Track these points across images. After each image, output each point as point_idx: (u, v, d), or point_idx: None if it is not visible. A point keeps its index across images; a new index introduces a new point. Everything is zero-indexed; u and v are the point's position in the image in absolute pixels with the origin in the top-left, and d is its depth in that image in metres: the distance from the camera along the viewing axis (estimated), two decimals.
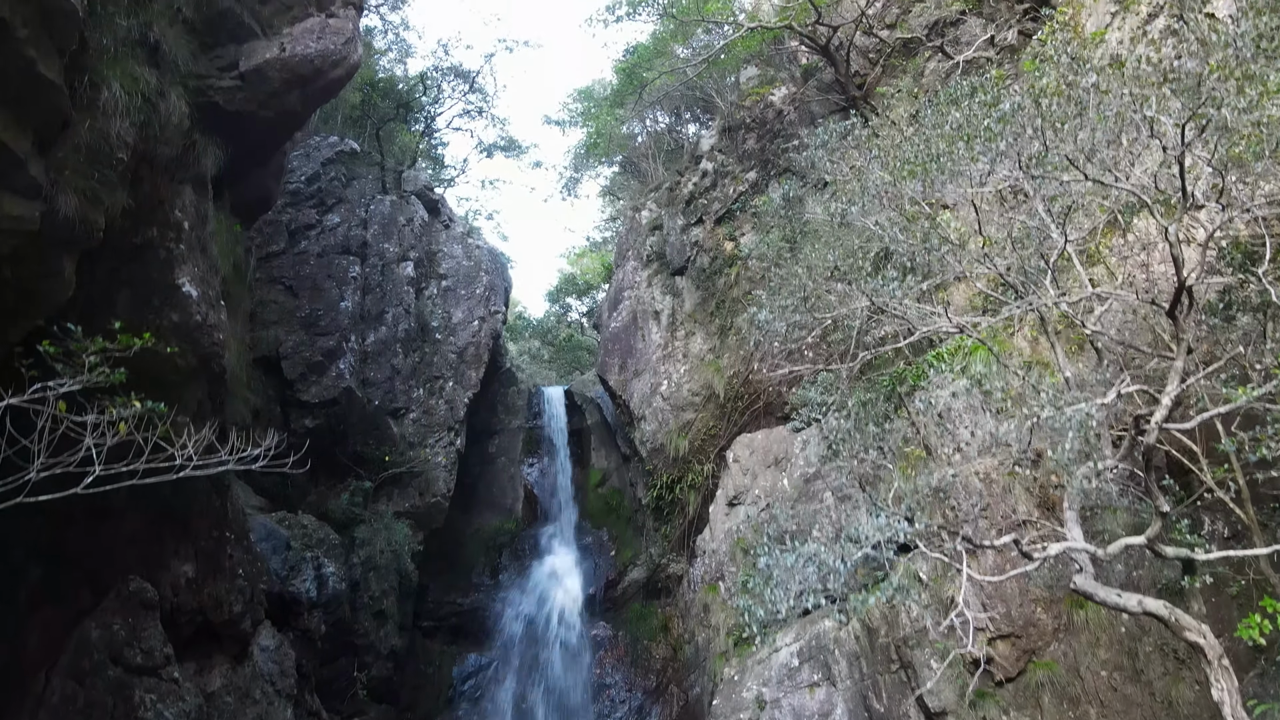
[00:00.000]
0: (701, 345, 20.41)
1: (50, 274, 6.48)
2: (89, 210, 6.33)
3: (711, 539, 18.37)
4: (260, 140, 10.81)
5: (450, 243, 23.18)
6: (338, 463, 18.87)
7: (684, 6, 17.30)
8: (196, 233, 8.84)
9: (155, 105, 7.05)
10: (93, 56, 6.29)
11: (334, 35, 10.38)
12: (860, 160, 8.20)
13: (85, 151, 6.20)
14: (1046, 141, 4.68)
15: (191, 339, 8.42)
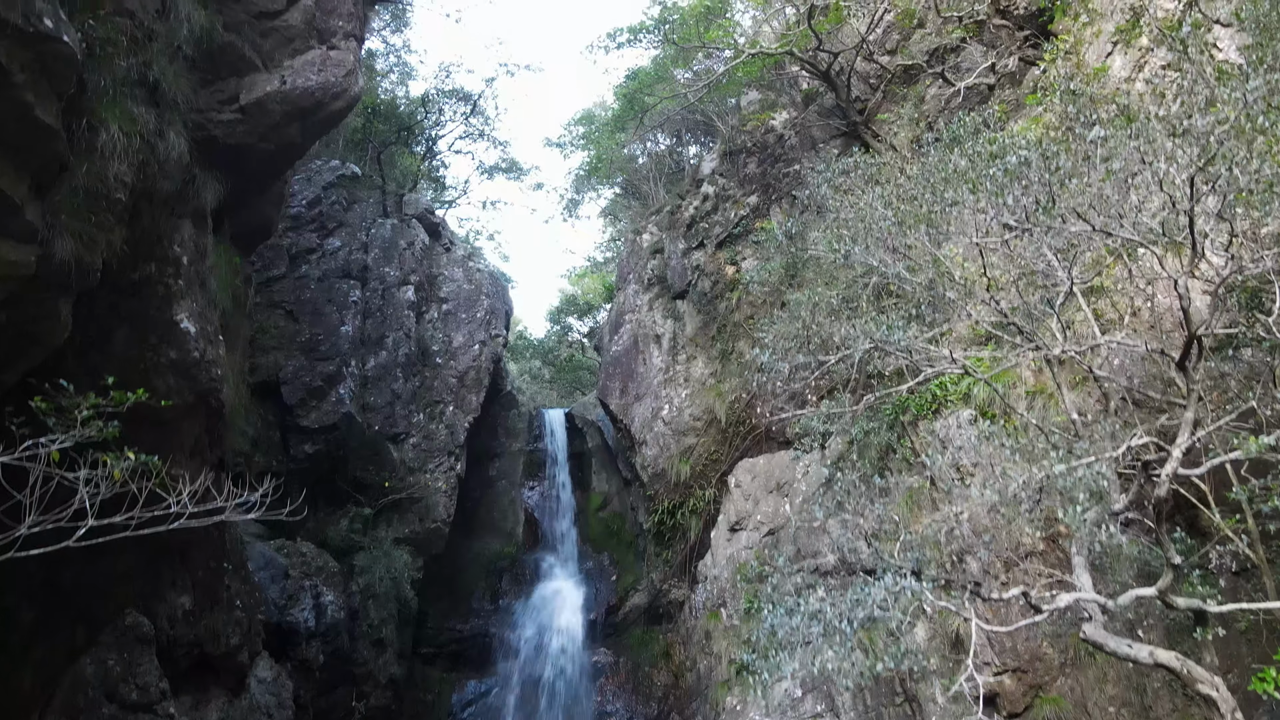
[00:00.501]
0: (703, 369, 20.36)
1: (46, 316, 6.42)
2: (86, 252, 6.28)
3: (713, 565, 18.25)
4: (260, 170, 10.79)
5: (451, 266, 23.17)
6: (337, 489, 18.76)
7: (684, 33, 17.34)
8: (195, 267, 8.79)
9: (154, 145, 7.01)
10: (91, 98, 6.25)
11: (335, 68, 10.37)
12: (864, 198, 8.15)
13: (83, 194, 6.15)
14: (1054, 195, 4.62)
15: (189, 376, 8.35)
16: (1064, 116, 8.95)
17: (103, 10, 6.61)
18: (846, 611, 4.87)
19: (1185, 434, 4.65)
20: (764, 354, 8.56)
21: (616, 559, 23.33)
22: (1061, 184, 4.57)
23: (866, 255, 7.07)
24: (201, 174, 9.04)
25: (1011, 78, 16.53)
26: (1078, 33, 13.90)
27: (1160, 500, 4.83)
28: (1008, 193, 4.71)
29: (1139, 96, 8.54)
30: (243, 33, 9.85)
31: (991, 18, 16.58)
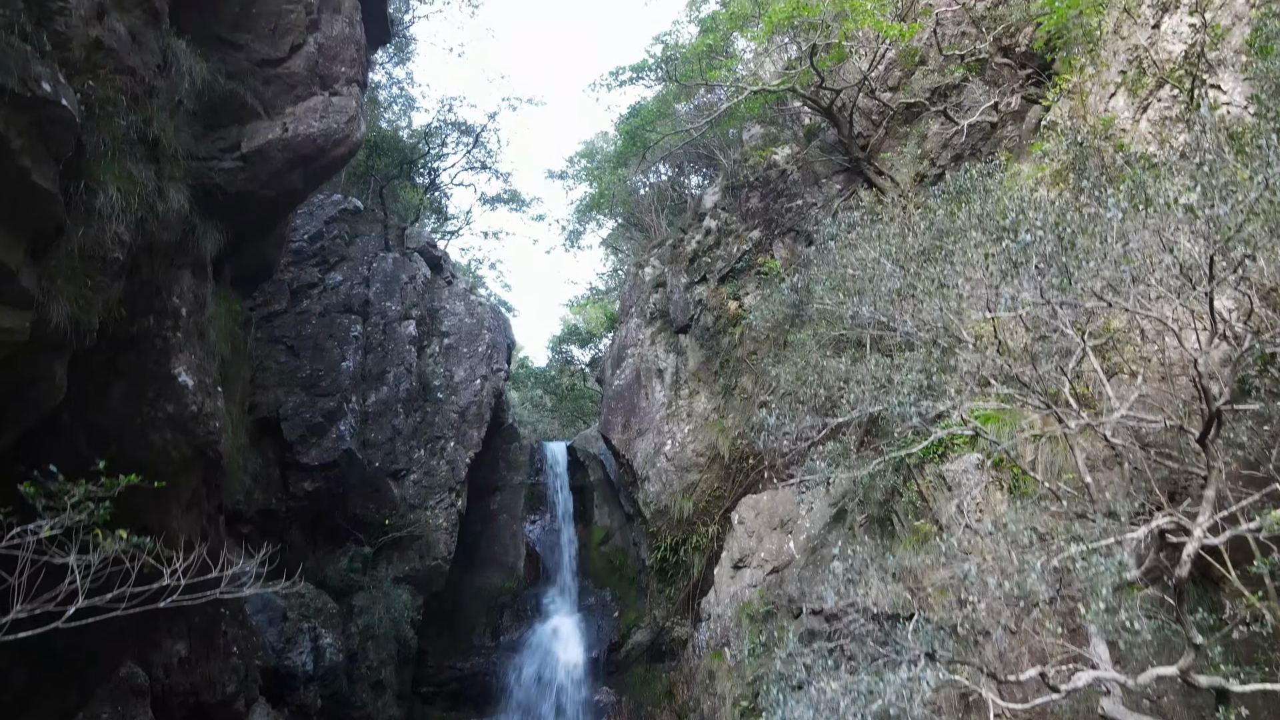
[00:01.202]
0: (706, 405, 20.22)
1: (41, 379, 6.32)
2: (83, 314, 6.19)
3: (717, 603, 18.03)
4: (262, 216, 10.74)
5: (453, 300, 23.10)
6: (337, 526, 18.60)
7: (686, 70, 17.37)
8: (194, 318, 8.70)
9: (153, 203, 6.94)
10: (90, 160, 6.18)
11: (337, 114, 10.34)
12: (870, 254, 8.07)
13: (80, 256, 6.07)
14: (1070, 274, 4.53)
15: (186, 430, 8.23)
16: (1071, 166, 8.90)
17: (103, 70, 6.56)
18: (861, 708, 4.72)
19: (1206, 513, 4.52)
20: (769, 416, 8.43)
21: (619, 595, 23.09)
22: (1079, 264, 4.48)
23: (875, 312, 6.97)
24: (202, 224, 8.97)
25: (1015, 115, 16.52)
26: (1081, 74, 13.88)
27: (1181, 580, 4.69)
28: (1023, 272, 4.61)
29: (1147, 153, 8.47)
30: (245, 81, 9.82)
31: (993, 56, 16.61)
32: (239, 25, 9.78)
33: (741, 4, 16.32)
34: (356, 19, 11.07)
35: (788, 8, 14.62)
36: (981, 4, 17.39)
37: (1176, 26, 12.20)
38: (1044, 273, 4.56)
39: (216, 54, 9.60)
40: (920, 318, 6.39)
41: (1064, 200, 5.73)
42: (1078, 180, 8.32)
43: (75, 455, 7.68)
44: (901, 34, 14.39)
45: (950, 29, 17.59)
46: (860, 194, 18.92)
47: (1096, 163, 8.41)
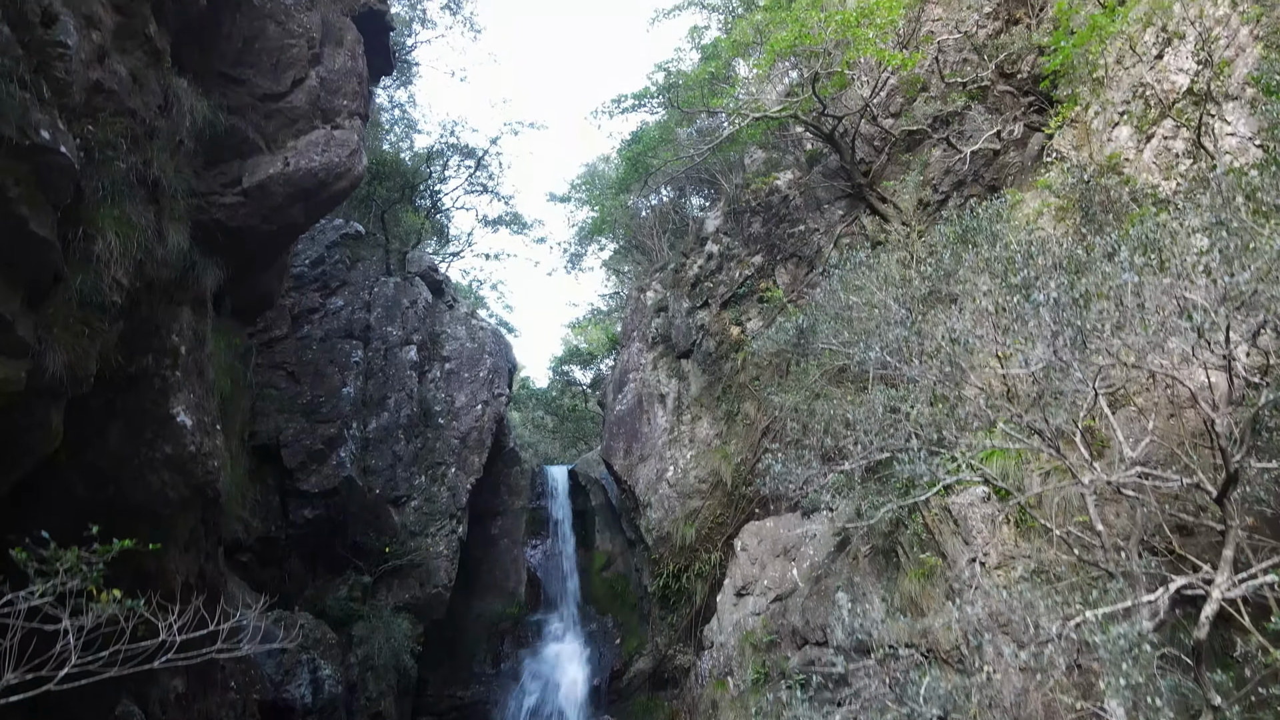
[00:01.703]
0: (708, 430, 20.12)
1: (37, 426, 6.23)
2: (79, 361, 6.11)
3: (720, 630, 17.86)
4: (262, 249, 10.68)
5: (454, 324, 23.03)
6: (336, 554, 18.45)
7: (688, 97, 17.37)
8: (194, 356, 8.62)
9: (153, 246, 6.87)
10: (88, 205, 6.12)
11: (339, 148, 10.30)
12: (878, 293, 7.99)
13: (77, 304, 5.99)
14: (1085, 337, 4.45)
15: (185, 470, 8.13)
16: (1077, 203, 8.84)
17: (103, 113, 6.51)
18: None
19: (1225, 573, 4.42)
20: (775, 462, 8.34)
21: (620, 621, 22.91)
22: (1093, 326, 4.39)
23: (881, 356, 6.87)
24: (202, 260, 8.91)
25: (1017, 142, 16.51)
26: (1083, 100, 13.86)
27: (1199, 641, 4.58)
28: (1034, 329, 4.53)
29: (1154, 189, 8.41)
30: (246, 115, 9.79)
31: (996, 83, 16.61)
32: (241, 60, 9.75)
33: (743, 32, 16.32)
34: (359, 52, 11.06)
35: (789, 36, 14.62)
36: (983, 31, 17.42)
37: (1180, 59, 12.20)
38: (1057, 332, 4.48)
39: (218, 89, 9.58)
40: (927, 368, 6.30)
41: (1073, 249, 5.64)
42: (1085, 220, 8.27)
43: (71, 498, 7.61)
44: (904, 63, 14.38)
45: (952, 55, 17.61)
46: (863, 220, 18.89)
47: (1103, 199, 8.34)
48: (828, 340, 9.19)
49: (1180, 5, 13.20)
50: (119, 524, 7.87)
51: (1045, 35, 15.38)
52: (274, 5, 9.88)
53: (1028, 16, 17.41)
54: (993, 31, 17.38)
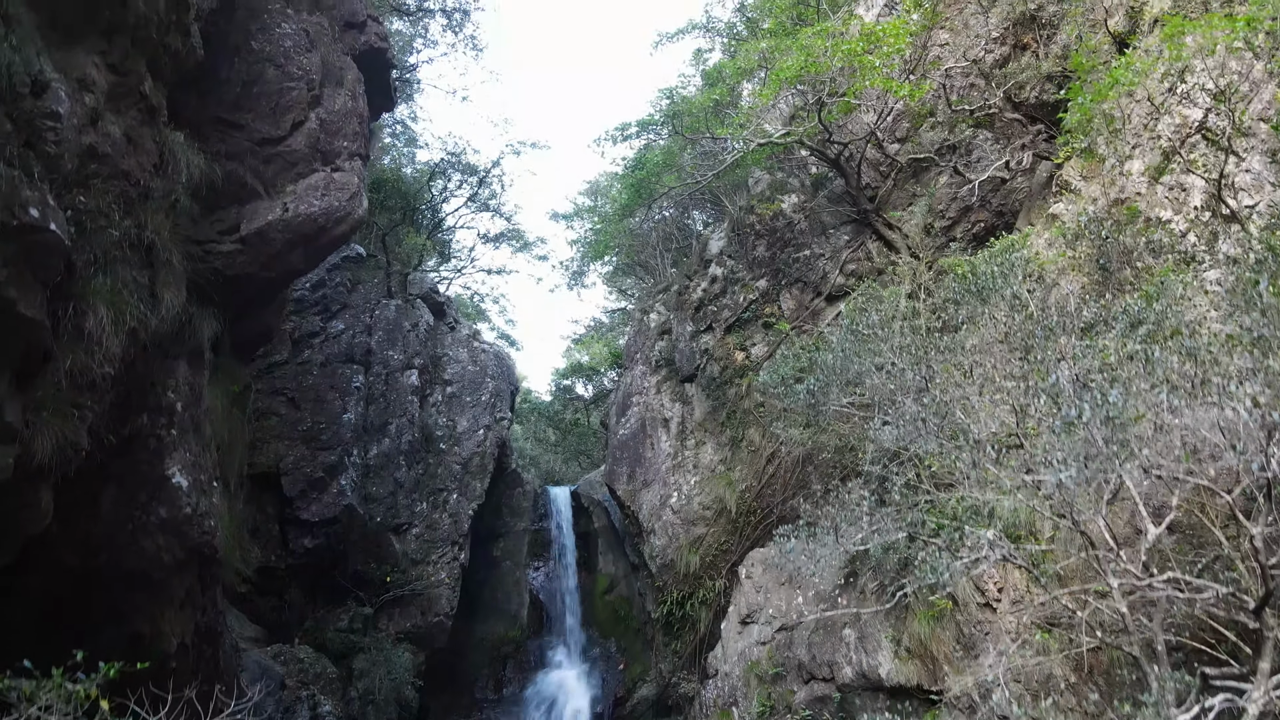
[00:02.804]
0: (712, 456, 19.92)
1: (26, 506, 6.05)
2: (70, 440, 5.92)
3: (724, 659, 17.67)
4: (261, 294, 10.50)
5: (455, 346, 22.85)
6: (337, 584, 18.25)
7: (692, 123, 17.19)
8: (190, 411, 8.44)
9: (147, 314, 6.69)
10: (79, 280, 5.94)
11: (339, 191, 10.12)
12: (889, 355, 7.80)
13: (67, 384, 5.81)
14: (1117, 440, 4.26)
15: (180, 533, 7.95)
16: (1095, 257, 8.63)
17: (95, 180, 6.33)
18: None
19: (1262, 688, 4.23)
20: (788, 542, 8.16)
21: (624, 646, 22.69)
22: (1129, 445, 4.21)
23: (898, 430, 6.69)
24: (199, 311, 8.74)
25: (1026, 171, 16.31)
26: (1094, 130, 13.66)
27: None
28: (1070, 458, 4.34)
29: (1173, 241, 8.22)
30: (244, 161, 9.61)
31: (1003, 110, 16.41)
32: (239, 105, 9.58)
33: (748, 58, 16.15)
34: (359, 91, 10.88)
35: (795, 64, 14.43)
36: (991, 56, 17.22)
37: (1193, 93, 12.00)
38: (1090, 454, 4.29)
39: (216, 135, 9.41)
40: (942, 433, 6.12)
41: (1096, 323, 5.46)
42: (1102, 276, 8.08)
43: (63, 568, 7.43)
44: (910, 94, 14.19)
45: (959, 81, 17.41)
46: (869, 246, 18.70)
47: (1119, 252, 8.15)
48: (838, 402, 9.00)
49: (1193, 39, 13.01)
50: (112, 591, 7.73)
51: (1054, 63, 15.18)
52: (273, 48, 9.71)
53: (1035, 41, 17.22)
54: (1000, 57, 17.18)
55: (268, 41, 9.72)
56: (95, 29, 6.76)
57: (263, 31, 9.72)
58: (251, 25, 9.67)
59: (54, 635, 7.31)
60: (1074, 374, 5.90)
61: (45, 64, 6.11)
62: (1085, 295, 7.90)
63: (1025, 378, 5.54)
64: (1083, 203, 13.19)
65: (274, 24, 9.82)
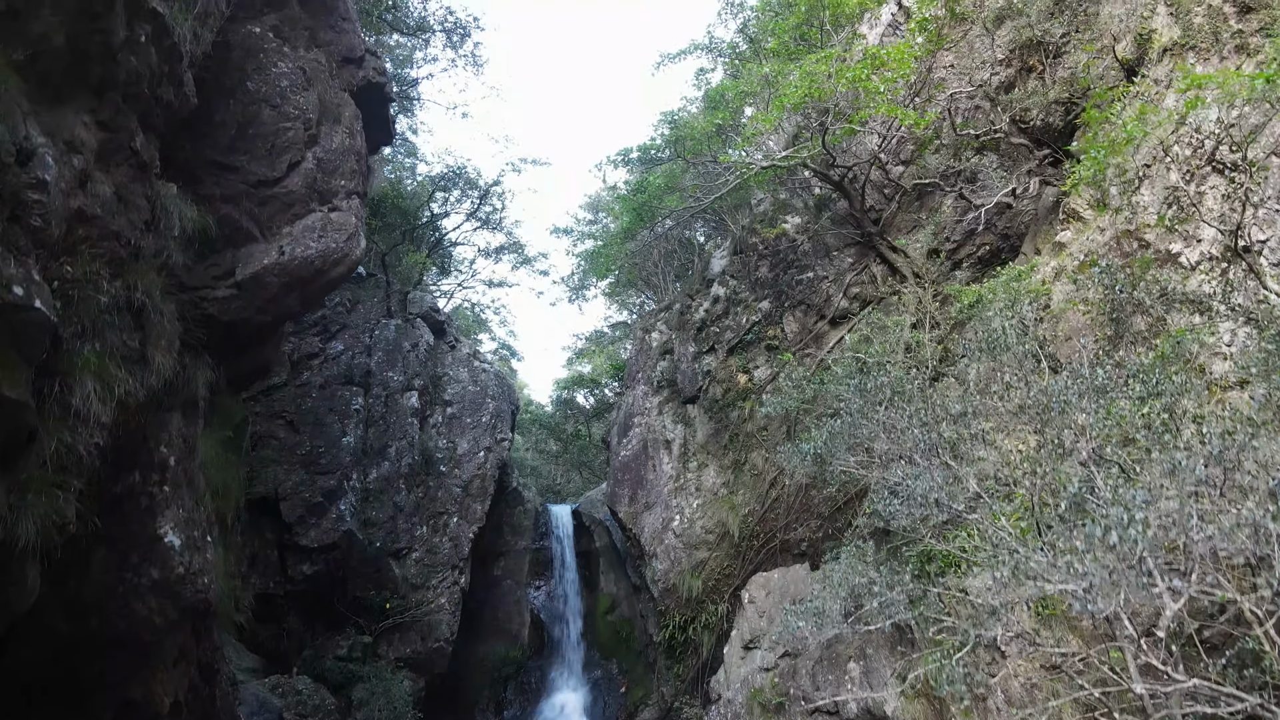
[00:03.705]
0: (715, 479, 19.74)
1: (11, 584, 5.87)
2: (58, 520, 5.75)
3: (727, 685, 17.51)
4: (256, 336, 10.32)
5: (456, 366, 22.67)
6: (336, 610, 18.09)
7: (694, 147, 17.01)
8: (184, 465, 8.26)
9: (136, 386, 6.51)
10: (66, 354, 5.76)
11: (336, 232, 9.94)
12: (900, 420, 7.61)
13: (53, 464, 5.63)
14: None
15: (173, 594, 7.76)
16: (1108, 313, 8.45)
17: (84, 245, 6.16)
18: None
19: None
20: (801, 621, 8.00)
21: (626, 668, 22.53)
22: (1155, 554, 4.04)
23: (908, 510, 6.52)
24: (193, 361, 8.56)
25: (1033, 197, 16.11)
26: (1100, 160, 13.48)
27: None
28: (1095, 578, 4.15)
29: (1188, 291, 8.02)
30: (240, 204, 9.44)
31: (1009, 134, 16.22)
32: (234, 148, 9.40)
33: (750, 82, 15.97)
34: (357, 128, 10.71)
35: (800, 91, 14.25)
36: (997, 79, 17.03)
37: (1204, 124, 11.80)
38: (1117, 571, 4.11)
39: (210, 178, 9.24)
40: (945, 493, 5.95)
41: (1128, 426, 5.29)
42: (1115, 331, 7.90)
43: (52, 634, 7.25)
44: (916, 123, 14.00)
45: (964, 104, 17.22)
46: (873, 269, 18.51)
47: (1132, 304, 7.97)
48: (845, 462, 8.83)
49: (1203, 68, 12.82)
50: (102, 657, 7.56)
51: (1061, 89, 14.98)
52: (269, 89, 9.53)
53: (1041, 64, 17.03)
54: (1006, 79, 16.99)
55: (264, 82, 9.54)
56: (85, 87, 6.59)
57: (259, 71, 9.54)
58: (247, 65, 9.49)
59: (41, 707, 7.15)
60: (1091, 450, 5.73)
61: (32, 128, 5.94)
62: (1098, 349, 7.72)
63: (1040, 468, 5.38)
64: (1090, 231, 13.02)
65: (270, 63, 9.64)
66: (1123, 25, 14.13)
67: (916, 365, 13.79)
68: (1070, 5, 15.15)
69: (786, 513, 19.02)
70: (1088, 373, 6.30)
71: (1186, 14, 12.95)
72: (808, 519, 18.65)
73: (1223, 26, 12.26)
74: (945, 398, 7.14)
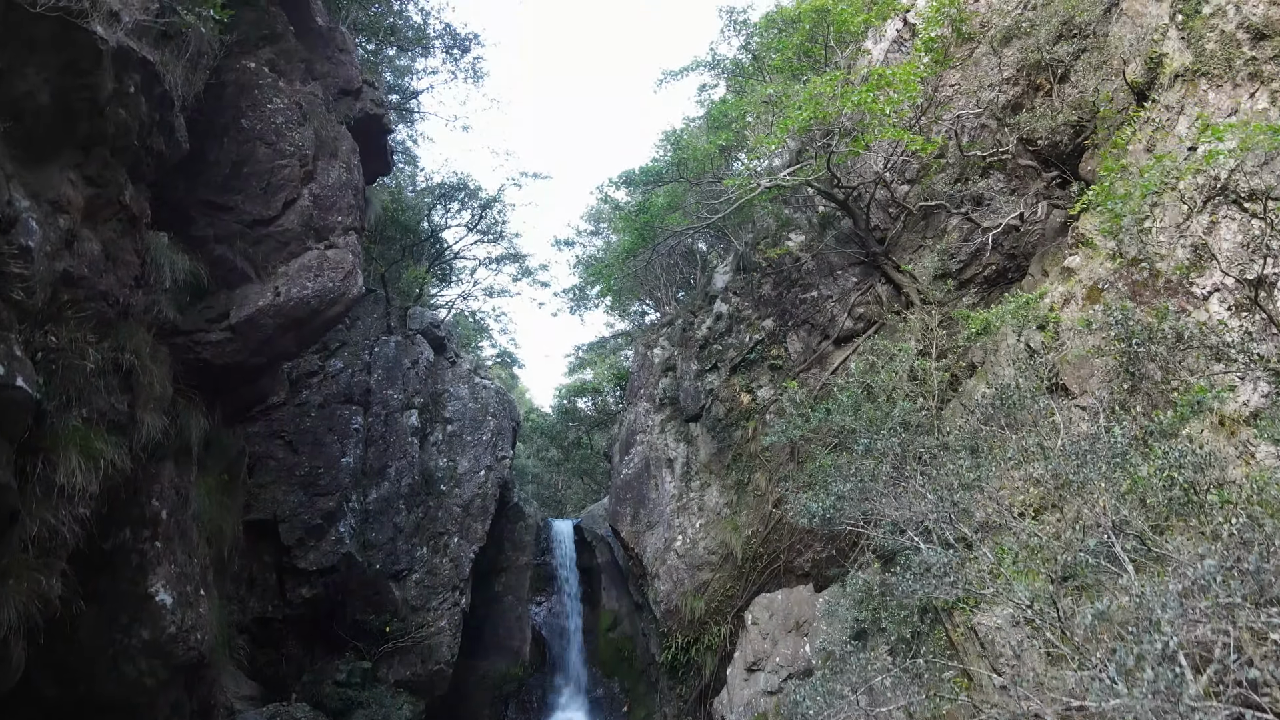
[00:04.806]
0: (718, 499, 19.54)
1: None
2: (41, 600, 5.57)
3: (730, 708, 17.36)
4: (251, 377, 10.13)
5: (456, 382, 22.47)
6: (335, 634, 17.90)
7: (697, 168, 16.82)
8: (176, 517, 8.08)
9: (124, 455, 6.32)
10: (49, 429, 5.57)
11: (332, 271, 9.74)
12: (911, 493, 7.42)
13: (36, 546, 5.45)
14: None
15: (164, 654, 7.59)
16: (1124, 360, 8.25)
17: (69, 309, 5.97)
18: None
19: None
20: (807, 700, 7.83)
21: (627, 687, 22.35)
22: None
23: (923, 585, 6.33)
24: (186, 408, 8.37)
25: (1041, 219, 15.90)
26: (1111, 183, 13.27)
27: None
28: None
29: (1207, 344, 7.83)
30: (234, 244, 9.25)
31: (1017, 155, 16.00)
32: (228, 187, 9.21)
33: (754, 102, 15.77)
34: (354, 162, 10.51)
35: (805, 114, 14.04)
36: (1004, 97, 16.81)
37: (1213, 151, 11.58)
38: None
39: (204, 219, 9.06)
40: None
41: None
42: (1130, 383, 7.71)
43: (39, 700, 7.07)
44: (923, 147, 13.79)
45: (970, 122, 17.00)
46: (878, 289, 18.30)
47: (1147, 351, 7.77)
48: (854, 521, 8.64)
49: (1215, 96, 12.60)
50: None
51: (1069, 113, 14.75)
52: (264, 126, 9.33)
53: (1049, 82, 16.80)
54: (1013, 98, 16.76)
55: (258, 119, 9.34)
56: (71, 143, 6.40)
57: (253, 109, 9.34)
58: (242, 102, 9.29)
59: None
60: (1114, 524, 5.55)
61: (15, 191, 5.76)
62: (1113, 400, 7.53)
63: (1058, 556, 5.20)
64: (1100, 258, 12.81)
65: (265, 99, 9.45)
66: (1133, 48, 13.90)
67: (923, 394, 13.60)
68: (1079, 28, 14.91)
69: (790, 534, 18.81)
70: (1104, 448, 6.11)
71: (1199, 39, 12.71)
72: (812, 541, 18.42)
73: (1235, 53, 12.02)
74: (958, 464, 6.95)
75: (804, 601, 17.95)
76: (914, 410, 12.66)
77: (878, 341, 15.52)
